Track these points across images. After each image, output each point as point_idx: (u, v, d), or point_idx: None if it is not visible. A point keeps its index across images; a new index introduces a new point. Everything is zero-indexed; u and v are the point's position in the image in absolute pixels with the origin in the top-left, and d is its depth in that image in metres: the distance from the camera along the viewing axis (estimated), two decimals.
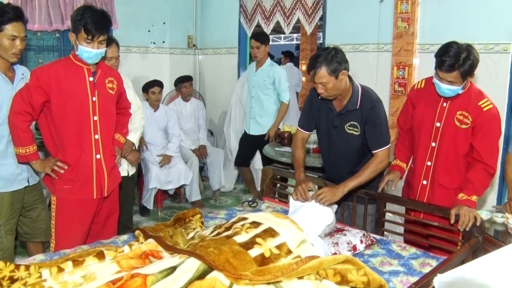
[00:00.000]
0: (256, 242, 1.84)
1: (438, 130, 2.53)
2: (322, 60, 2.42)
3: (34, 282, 1.74)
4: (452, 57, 2.30)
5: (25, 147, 2.50)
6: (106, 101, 2.63)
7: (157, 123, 4.86)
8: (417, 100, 2.64)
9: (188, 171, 4.93)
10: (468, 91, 2.45)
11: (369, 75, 4.41)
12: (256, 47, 4.54)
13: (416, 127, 2.65)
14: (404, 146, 2.79)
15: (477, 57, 2.34)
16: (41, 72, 2.47)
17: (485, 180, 2.45)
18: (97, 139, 2.59)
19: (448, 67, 2.31)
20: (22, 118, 2.46)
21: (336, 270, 1.72)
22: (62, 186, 2.56)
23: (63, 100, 2.48)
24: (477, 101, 2.42)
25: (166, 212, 4.96)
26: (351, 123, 2.59)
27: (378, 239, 2.44)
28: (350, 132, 2.61)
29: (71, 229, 2.60)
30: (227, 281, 1.65)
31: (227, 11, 5.98)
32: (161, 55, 6.07)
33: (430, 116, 2.56)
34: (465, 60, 2.29)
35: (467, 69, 2.30)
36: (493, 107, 2.42)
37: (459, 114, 2.46)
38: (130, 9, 5.60)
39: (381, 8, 4.26)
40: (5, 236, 2.64)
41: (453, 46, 2.35)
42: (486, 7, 3.60)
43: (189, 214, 2.46)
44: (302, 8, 5.04)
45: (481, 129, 2.41)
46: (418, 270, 2.06)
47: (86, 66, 2.53)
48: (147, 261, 1.89)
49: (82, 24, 2.40)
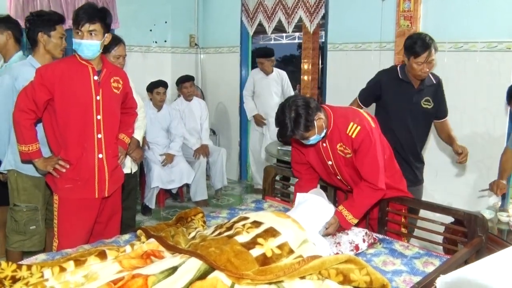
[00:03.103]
0: (258, 242, 1.84)
1: (333, 167, 2.52)
2: (431, 40, 2.81)
3: (36, 281, 1.74)
4: (284, 127, 2.25)
5: (28, 145, 2.48)
6: (111, 100, 2.60)
7: (160, 123, 4.86)
8: (300, 145, 2.57)
9: (191, 170, 4.93)
10: (335, 123, 2.39)
11: (371, 74, 4.36)
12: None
13: (315, 167, 2.63)
14: (300, 187, 2.72)
15: (308, 110, 2.24)
16: (46, 70, 2.47)
17: (368, 197, 2.41)
18: (100, 138, 2.56)
19: (286, 137, 2.30)
20: (26, 115, 2.45)
21: (339, 269, 1.71)
22: (64, 185, 2.54)
23: (67, 99, 2.47)
24: (344, 130, 2.37)
25: (168, 211, 4.96)
26: (427, 99, 2.97)
27: (381, 238, 2.43)
28: (425, 106, 2.98)
29: (73, 229, 2.58)
30: (228, 281, 1.64)
31: (229, 10, 5.97)
32: (163, 54, 6.06)
33: (320, 158, 2.54)
34: (296, 123, 2.22)
35: (303, 128, 2.24)
36: (361, 128, 2.33)
37: (339, 147, 2.42)
38: (132, 8, 5.59)
39: (384, 7, 4.25)
40: (41, 220, 2.86)
41: (282, 113, 2.26)
42: (488, 5, 3.59)
43: (191, 213, 2.46)
44: (304, 6, 5.03)
45: (356, 152, 2.38)
46: (421, 270, 2.05)
47: (91, 65, 2.51)
48: (148, 261, 1.88)
49: (73, 17, 2.42)
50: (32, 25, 2.77)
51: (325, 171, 2.62)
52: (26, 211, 2.81)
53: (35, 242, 2.86)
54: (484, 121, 3.73)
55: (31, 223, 2.83)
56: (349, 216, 2.37)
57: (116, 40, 3.11)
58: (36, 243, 2.87)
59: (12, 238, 2.85)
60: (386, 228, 2.63)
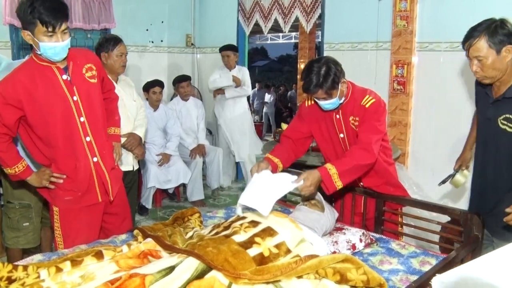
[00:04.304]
0: (255, 242, 1.83)
1: (345, 140, 2.53)
2: (483, 29, 2.02)
3: (32, 282, 1.73)
4: (312, 78, 2.27)
5: (13, 167, 2.26)
6: (90, 95, 2.33)
7: (156, 123, 4.85)
8: (309, 117, 2.59)
9: (187, 170, 4.93)
10: (352, 95, 2.44)
11: (368, 73, 4.41)
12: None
13: (321, 143, 2.63)
14: (282, 147, 2.65)
15: (338, 68, 2.30)
16: (5, 88, 2.14)
17: (357, 157, 2.28)
18: (89, 141, 2.34)
19: (312, 89, 2.30)
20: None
21: (336, 269, 1.71)
22: (63, 197, 2.36)
23: (40, 111, 2.18)
24: (360, 101, 2.40)
25: (165, 211, 4.95)
26: (506, 116, 2.07)
27: (378, 238, 2.43)
28: (504, 127, 2.09)
29: (80, 236, 2.37)
30: (226, 281, 1.64)
31: (225, 9, 5.97)
32: (159, 54, 6.05)
33: (331, 130, 2.54)
34: (325, 76, 2.27)
35: (330, 84, 2.28)
36: (376, 101, 2.38)
37: (352, 119, 2.45)
38: (128, 7, 5.58)
39: (380, 6, 4.25)
40: (35, 217, 2.86)
41: (312, 66, 2.30)
42: (484, 4, 3.60)
43: (187, 213, 2.46)
44: (300, 6, 5.04)
45: (363, 122, 2.39)
46: (418, 269, 2.05)
47: (54, 65, 2.22)
48: (145, 261, 1.88)
49: (36, 16, 2.04)
50: None
51: (332, 147, 2.59)
52: (19, 208, 2.84)
53: (29, 239, 2.89)
54: None
55: (24, 220, 2.85)
56: (333, 170, 2.22)
57: (116, 39, 3.15)
58: (31, 240, 2.90)
59: (7, 235, 2.90)
60: (383, 227, 2.63)
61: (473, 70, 2.09)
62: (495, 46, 1.99)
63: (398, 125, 4.20)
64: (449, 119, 3.94)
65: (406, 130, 4.17)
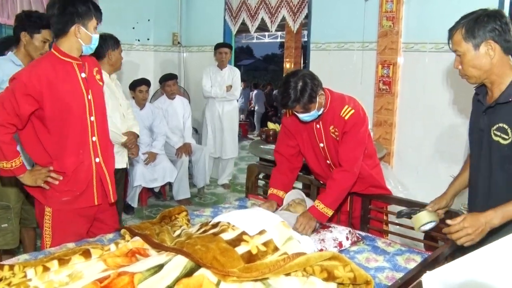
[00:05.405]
0: (243, 239, 1.84)
1: (325, 149, 2.55)
2: (466, 20, 1.82)
3: (18, 282, 1.71)
4: (290, 93, 2.28)
5: (10, 161, 2.20)
6: (100, 97, 2.38)
7: (142, 121, 4.82)
8: (292, 127, 2.61)
9: (173, 169, 4.92)
10: (331, 104, 2.45)
11: (354, 73, 4.45)
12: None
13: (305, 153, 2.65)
14: (280, 173, 2.72)
15: (315, 82, 2.31)
16: (29, 78, 2.13)
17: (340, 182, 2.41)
18: (94, 141, 2.34)
19: (289, 104, 2.31)
20: (5, 130, 2.14)
21: (323, 266, 1.73)
22: (59, 198, 2.31)
23: (59, 105, 2.19)
24: (339, 112, 2.42)
25: (151, 210, 4.93)
26: (500, 126, 1.77)
27: (364, 236, 2.46)
28: (496, 139, 1.78)
29: (67, 236, 2.30)
30: (214, 278, 1.65)
31: (212, 8, 5.97)
32: (145, 52, 6.03)
33: (312, 140, 2.57)
34: (302, 92, 2.27)
35: (307, 99, 2.28)
36: (355, 111, 2.39)
37: (332, 129, 2.47)
38: (115, 5, 5.53)
39: (366, 7, 4.29)
40: (14, 218, 2.83)
41: (288, 81, 2.30)
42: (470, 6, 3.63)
43: (175, 211, 2.45)
44: (287, 6, 5.06)
45: (344, 135, 2.42)
46: (403, 266, 2.08)
47: (76, 61, 2.26)
48: (133, 259, 1.87)
49: (93, 10, 2.25)
50: (19, 23, 2.75)
51: (315, 156, 2.62)
52: None
53: (7, 240, 2.84)
54: (465, 121, 3.81)
55: (3, 221, 2.81)
56: (320, 206, 2.36)
57: (116, 39, 3.29)
58: (9, 241, 2.85)
59: None
60: (369, 225, 2.66)
61: (454, 66, 1.88)
62: (469, 40, 1.76)
63: (383, 125, 4.25)
64: (434, 119, 4.00)
65: (391, 130, 4.22)
